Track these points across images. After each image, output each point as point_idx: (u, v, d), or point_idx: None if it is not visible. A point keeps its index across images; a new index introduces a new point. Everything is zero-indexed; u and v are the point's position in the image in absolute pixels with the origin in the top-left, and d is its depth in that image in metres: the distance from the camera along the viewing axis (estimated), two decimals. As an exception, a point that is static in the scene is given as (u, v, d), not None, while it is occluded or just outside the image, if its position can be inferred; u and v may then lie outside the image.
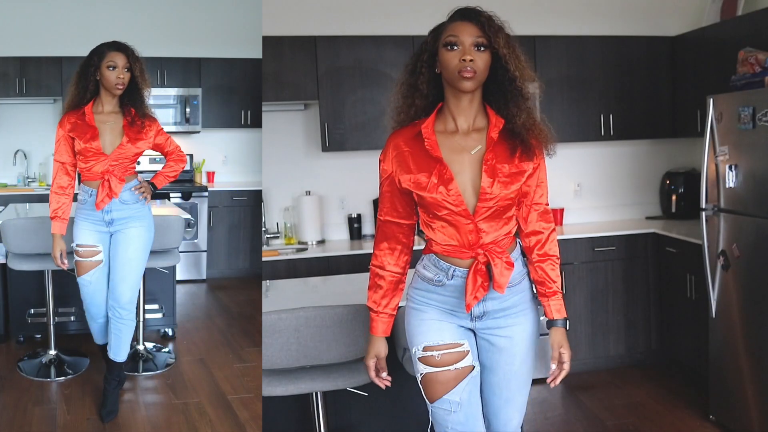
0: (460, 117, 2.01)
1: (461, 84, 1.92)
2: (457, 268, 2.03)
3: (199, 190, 6.34)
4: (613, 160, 5.17)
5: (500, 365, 2.10)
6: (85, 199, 3.27)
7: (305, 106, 4.82)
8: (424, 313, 2.09)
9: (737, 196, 3.42)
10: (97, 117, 3.22)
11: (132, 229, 3.30)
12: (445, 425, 2.07)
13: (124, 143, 3.22)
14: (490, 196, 1.95)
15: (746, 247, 3.37)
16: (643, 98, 4.84)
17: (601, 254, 4.52)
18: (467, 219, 1.98)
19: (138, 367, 4.00)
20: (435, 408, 2.08)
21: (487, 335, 2.10)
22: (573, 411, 3.97)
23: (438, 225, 2.03)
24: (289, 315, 2.51)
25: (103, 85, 3.18)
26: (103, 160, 3.20)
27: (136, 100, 3.26)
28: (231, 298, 5.78)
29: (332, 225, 4.88)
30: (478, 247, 1.99)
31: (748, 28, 4.00)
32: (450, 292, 2.06)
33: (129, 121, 3.25)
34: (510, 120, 1.98)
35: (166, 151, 3.50)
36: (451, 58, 1.92)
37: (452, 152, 1.99)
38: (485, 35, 1.91)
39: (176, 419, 3.39)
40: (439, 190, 1.95)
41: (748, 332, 3.38)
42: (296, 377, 2.63)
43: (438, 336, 2.05)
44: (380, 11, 4.83)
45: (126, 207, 3.28)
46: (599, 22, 5.01)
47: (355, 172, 4.88)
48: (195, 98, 6.39)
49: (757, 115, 3.24)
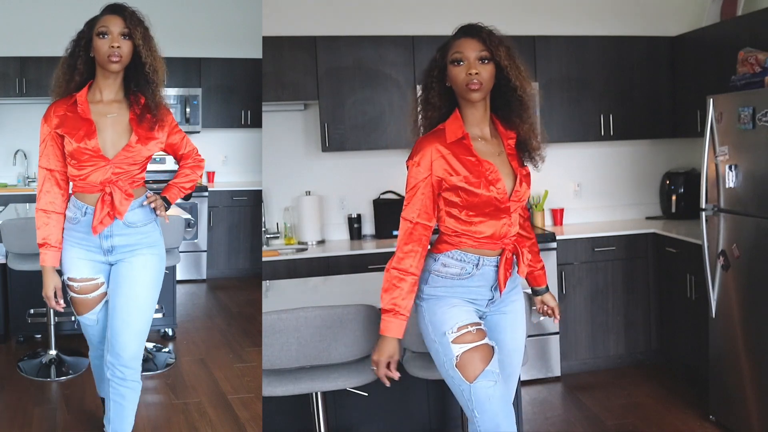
0: (478, 125, 2.22)
1: (470, 95, 2.14)
2: (487, 258, 2.22)
3: (199, 190, 6.34)
4: (613, 160, 5.16)
5: (505, 342, 2.33)
6: (77, 218, 2.51)
7: (305, 106, 4.82)
8: (448, 300, 2.22)
9: (737, 196, 3.42)
10: (93, 108, 2.46)
11: (139, 258, 2.55)
12: (490, 400, 2.15)
13: (132, 143, 2.47)
14: (519, 194, 2.22)
15: (746, 247, 3.37)
16: (643, 98, 4.84)
17: (601, 254, 4.52)
18: (505, 214, 2.20)
19: (138, 367, 4.00)
20: (477, 386, 2.15)
21: (495, 314, 2.32)
22: (573, 411, 3.97)
23: (477, 220, 2.19)
24: (289, 315, 2.51)
25: (98, 61, 2.43)
26: (104, 166, 2.45)
27: (144, 83, 2.47)
28: (231, 298, 5.78)
29: (332, 225, 4.88)
30: (506, 239, 2.23)
31: (748, 28, 4.00)
32: (476, 282, 2.23)
33: (137, 113, 2.49)
34: (516, 129, 2.24)
35: (181, 153, 2.75)
36: (459, 73, 2.13)
37: (487, 155, 2.19)
38: (488, 49, 2.12)
39: (176, 419, 3.39)
40: (490, 188, 2.15)
41: (748, 332, 3.38)
42: (296, 377, 2.63)
43: (467, 317, 2.20)
44: (380, 11, 4.83)
45: (132, 231, 2.55)
46: (599, 22, 5.01)
47: (355, 172, 4.88)
48: (195, 98, 6.39)
49: (757, 115, 3.24)
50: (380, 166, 4.88)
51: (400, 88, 4.55)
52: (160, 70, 2.48)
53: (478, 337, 2.17)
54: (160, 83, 2.49)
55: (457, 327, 2.17)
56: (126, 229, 2.53)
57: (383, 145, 4.60)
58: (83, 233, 2.51)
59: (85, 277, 2.55)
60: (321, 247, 4.62)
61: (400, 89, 4.55)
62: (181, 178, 2.76)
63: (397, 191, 4.89)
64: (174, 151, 2.73)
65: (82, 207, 2.50)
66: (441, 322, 2.19)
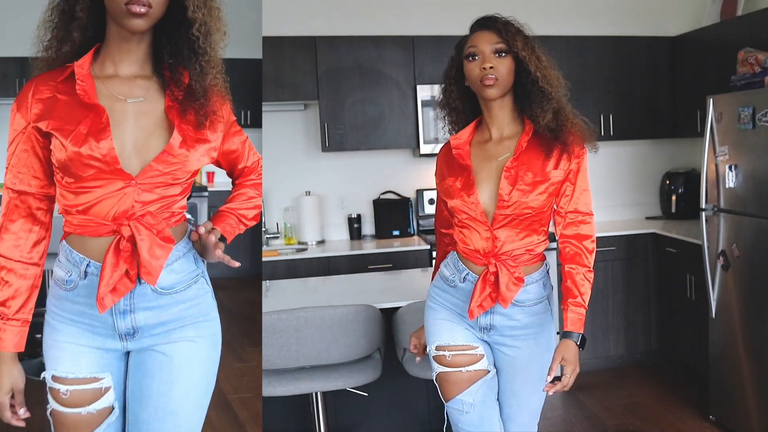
0: (493, 125, 2.03)
1: (485, 92, 1.95)
2: (471, 272, 2.03)
3: (199, 190, 6.34)
4: (613, 160, 5.16)
5: (513, 376, 2.08)
6: (73, 281, 1.55)
7: (305, 107, 4.82)
8: (438, 312, 2.10)
9: (737, 196, 3.42)
10: (103, 87, 1.53)
11: (183, 345, 1.62)
12: (458, 425, 2.08)
13: (174, 148, 1.54)
14: (507, 204, 1.94)
15: (746, 247, 3.37)
16: (643, 98, 4.84)
17: (601, 254, 4.52)
18: (485, 226, 1.98)
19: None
20: (449, 407, 2.08)
21: (496, 347, 2.08)
22: (573, 411, 3.97)
23: (460, 229, 2.06)
24: (289, 315, 2.51)
25: (109, 11, 1.48)
26: (123, 188, 1.51)
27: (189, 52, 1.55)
28: (231, 298, 5.78)
29: (332, 225, 4.88)
30: (492, 256, 1.98)
31: (748, 28, 4.00)
32: (460, 296, 2.05)
33: (177, 98, 1.57)
34: (534, 122, 1.97)
35: (242, 167, 1.83)
36: (473, 68, 1.96)
37: (482, 160, 2.01)
38: (503, 40, 1.94)
39: (176, 419, 3.39)
40: (461, 195, 1.98)
41: (748, 332, 3.38)
42: (296, 377, 2.63)
43: (449, 337, 2.06)
44: (380, 11, 4.83)
45: (169, 299, 1.60)
46: (599, 23, 5.01)
47: (355, 172, 4.88)
48: (195, 98, 6.39)
49: (757, 115, 3.24)
50: (380, 166, 4.88)
51: (400, 88, 4.56)
52: (215, 32, 1.56)
53: (455, 363, 2.03)
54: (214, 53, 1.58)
55: (436, 346, 2.08)
56: (157, 299, 1.58)
57: (383, 145, 4.60)
58: (83, 304, 1.55)
59: (82, 376, 1.55)
60: (321, 247, 4.62)
61: (400, 89, 4.56)
62: (241, 201, 1.78)
63: (397, 191, 4.89)
64: (231, 164, 1.78)
65: (82, 261, 1.55)
66: (428, 333, 2.13)
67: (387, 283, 3.40)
